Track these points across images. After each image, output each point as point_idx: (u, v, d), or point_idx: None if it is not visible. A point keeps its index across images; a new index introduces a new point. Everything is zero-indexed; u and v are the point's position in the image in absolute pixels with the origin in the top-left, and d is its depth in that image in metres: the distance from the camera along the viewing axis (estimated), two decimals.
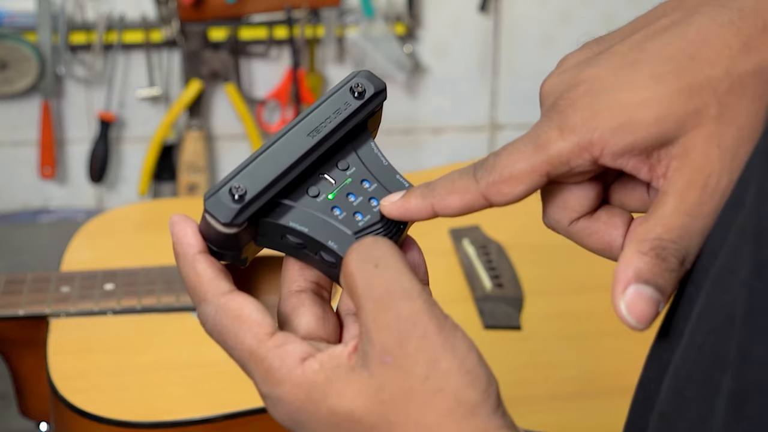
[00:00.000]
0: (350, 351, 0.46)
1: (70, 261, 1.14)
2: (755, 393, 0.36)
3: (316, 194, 0.50)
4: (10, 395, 1.12)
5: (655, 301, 0.45)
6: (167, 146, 1.98)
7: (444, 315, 0.46)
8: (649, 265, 0.45)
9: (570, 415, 0.93)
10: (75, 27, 1.89)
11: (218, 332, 0.48)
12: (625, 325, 0.45)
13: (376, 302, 0.45)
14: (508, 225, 1.19)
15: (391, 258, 0.46)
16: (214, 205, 0.47)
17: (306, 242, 0.49)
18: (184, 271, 0.49)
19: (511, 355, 0.99)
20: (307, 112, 0.50)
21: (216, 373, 0.95)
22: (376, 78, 0.52)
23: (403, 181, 0.52)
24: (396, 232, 0.51)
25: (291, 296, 0.50)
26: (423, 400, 0.44)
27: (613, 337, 1.02)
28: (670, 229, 0.45)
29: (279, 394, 0.46)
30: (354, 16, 1.96)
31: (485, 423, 0.44)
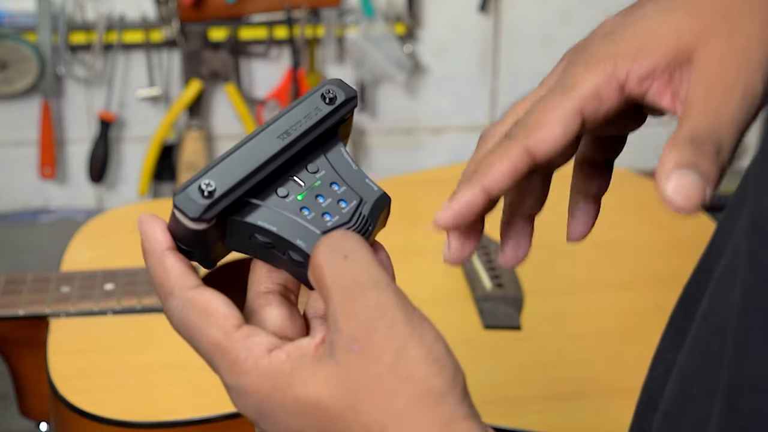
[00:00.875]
0: (317, 342, 0.46)
1: (70, 261, 1.14)
2: (750, 388, 0.37)
3: (285, 195, 0.51)
4: (10, 395, 1.12)
5: (699, 185, 0.46)
6: (167, 146, 1.99)
7: (412, 306, 0.46)
8: (688, 153, 0.46)
9: (570, 415, 0.92)
10: (75, 27, 1.89)
11: (184, 326, 0.48)
12: (673, 209, 0.47)
13: (344, 292, 0.45)
14: None
15: (359, 250, 0.47)
16: (183, 201, 0.48)
17: (274, 241, 0.50)
18: (151, 267, 0.49)
19: (511, 355, 0.99)
20: (279, 116, 0.51)
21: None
22: (348, 86, 0.53)
23: (372, 185, 0.52)
24: (364, 232, 0.51)
25: (258, 297, 0.50)
26: (390, 387, 0.44)
27: (613, 337, 1.02)
28: (701, 125, 0.47)
29: (244, 384, 0.46)
30: (354, 16, 1.96)
31: (452, 411, 0.44)
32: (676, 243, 1.18)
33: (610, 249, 1.17)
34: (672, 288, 0.56)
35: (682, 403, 0.45)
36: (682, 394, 0.45)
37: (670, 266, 1.13)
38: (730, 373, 0.38)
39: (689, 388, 0.44)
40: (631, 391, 0.57)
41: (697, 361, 0.44)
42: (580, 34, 0.60)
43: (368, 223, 0.51)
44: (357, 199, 0.51)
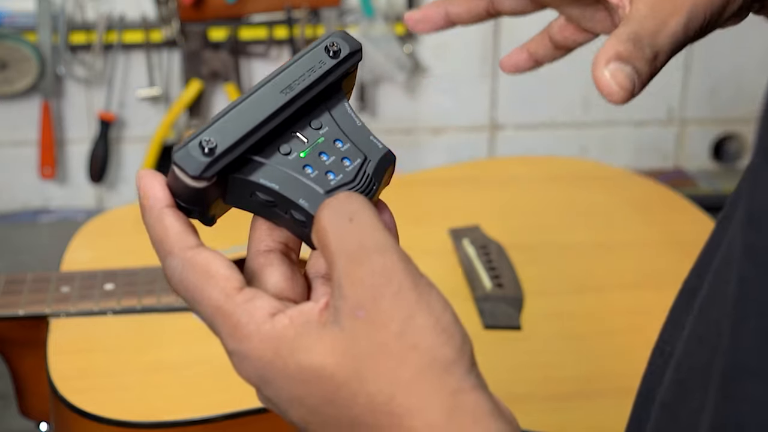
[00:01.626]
0: (321, 307, 0.45)
1: (70, 261, 1.14)
2: (744, 375, 0.37)
3: (288, 152, 0.49)
4: (10, 395, 1.12)
5: (632, 77, 0.51)
6: (167, 146, 1.98)
7: (419, 272, 0.45)
8: (626, 50, 0.51)
9: (570, 415, 0.92)
10: (75, 27, 1.89)
11: (184, 287, 0.47)
12: (605, 94, 0.51)
13: (349, 257, 0.44)
14: (508, 225, 1.20)
15: (365, 212, 0.45)
16: (184, 158, 0.46)
17: (276, 200, 0.48)
18: (150, 225, 0.48)
19: (511, 355, 0.99)
20: (281, 69, 0.50)
21: (216, 373, 0.94)
22: (352, 38, 0.51)
23: (377, 142, 0.51)
24: (368, 192, 0.50)
25: (259, 256, 0.49)
26: (397, 356, 0.43)
27: (613, 337, 1.02)
28: (645, 28, 0.52)
29: (246, 349, 0.45)
30: (354, 16, 1.96)
31: (460, 381, 0.43)
32: (676, 243, 1.18)
33: (610, 249, 1.17)
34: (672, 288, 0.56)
35: (679, 393, 0.45)
36: (680, 384, 0.45)
37: (670, 266, 1.13)
38: (725, 361, 0.38)
39: (686, 379, 0.45)
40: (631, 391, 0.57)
41: (695, 352, 0.44)
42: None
43: (372, 182, 0.50)
44: (361, 157, 0.50)
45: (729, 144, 2.16)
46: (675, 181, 2.08)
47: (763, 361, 0.36)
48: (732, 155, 2.16)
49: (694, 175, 2.13)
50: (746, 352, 0.37)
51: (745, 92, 2.07)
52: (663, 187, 1.30)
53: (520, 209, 1.25)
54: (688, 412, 0.44)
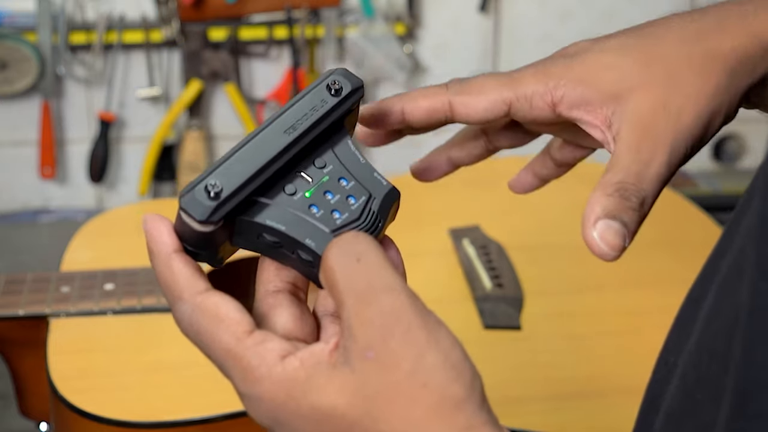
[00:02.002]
0: (331, 348, 0.45)
1: (70, 261, 1.14)
2: (758, 392, 0.37)
3: (293, 192, 0.49)
4: (10, 395, 1.12)
5: (622, 233, 0.52)
6: (167, 146, 1.99)
7: (427, 310, 0.45)
8: (614, 204, 0.52)
9: (570, 415, 0.92)
10: (75, 27, 1.89)
11: (195, 332, 0.47)
12: (597, 255, 0.52)
13: (358, 297, 0.44)
14: (508, 225, 1.19)
15: (372, 252, 0.46)
16: (190, 203, 0.47)
17: (283, 241, 0.49)
18: (159, 270, 0.48)
19: (511, 355, 0.99)
20: (284, 110, 0.50)
21: (216, 372, 0.94)
22: (353, 76, 0.52)
23: (381, 179, 0.51)
24: (374, 229, 0.50)
25: (267, 296, 0.49)
26: (408, 395, 0.43)
27: (613, 337, 1.02)
28: (630, 175, 0.53)
29: (258, 392, 0.45)
30: (354, 16, 1.96)
31: (471, 418, 0.43)
32: (676, 243, 1.18)
33: None
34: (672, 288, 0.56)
35: (685, 405, 0.45)
36: (686, 395, 0.45)
37: (670, 266, 1.13)
38: (737, 376, 0.38)
39: (693, 390, 0.44)
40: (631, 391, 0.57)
41: (702, 363, 0.44)
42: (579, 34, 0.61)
43: (378, 219, 0.50)
44: (366, 194, 0.50)
45: (729, 144, 2.16)
46: (675, 181, 2.08)
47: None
48: (732, 155, 2.16)
49: (694, 175, 2.13)
50: (760, 367, 0.37)
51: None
52: None
53: (520, 209, 1.25)
54: (696, 426, 0.43)
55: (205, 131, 2.00)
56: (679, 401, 0.46)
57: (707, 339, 0.44)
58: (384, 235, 0.51)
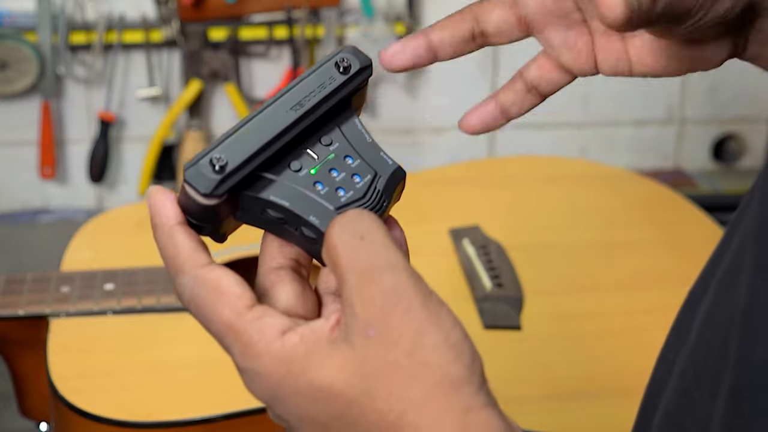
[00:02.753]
0: (332, 325, 0.45)
1: (70, 261, 1.14)
2: (755, 390, 0.37)
3: (299, 169, 0.49)
4: (10, 395, 1.12)
5: (629, 6, 0.48)
6: (167, 146, 1.98)
7: (429, 290, 0.45)
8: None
9: (570, 415, 0.92)
10: (75, 27, 1.89)
11: (195, 304, 0.47)
12: (604, 21, 0.49)
13: (360, 275, 0.44)
14: (508, 225, 1.19)
15: (376, 231, 0.45)
16: (194, 176, 0.46)
17: (287, 217, 0.48)
18: (161, 242, 0.48)
19: (511, 355, 0.99)
20: (291, 86, 0.50)
21: (216, 373, 0.94)
22: (362, 54, 0.51)
23: (387, 158, 0.51)
24: (379, 208, 0.50)
25: (270, 272, 0.49)
26: (407, 374, 0.43)
27: (613, 337, 1.02)
28: None
29: (257, 367, 0.45)
30: (354, 16, 1.96)
31: (470, 399, 0.43)
32: (676, 243, 1.18)
33: (610, 249, 1.17)
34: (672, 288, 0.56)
35: (683, 403, 0.45)
36: (684, 393, 0.45)
37: (670, 266, 1.13)
38: (734, 375, 0.38)
39: (691, 389, 0.44)
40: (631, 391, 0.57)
41: (699, 361, 0.44)
42: None
43: (383, 198, 0.50)
44: (371, 173, 0.50)
45: (729, 144, 2.16)
46: (675, 181, 2.08)
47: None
48: (732, 155, 2.16)
49: (694, 175, 2.13)
50: (757, 366, 0.37)
51: (745, 92, 2.07)
52: (663, 187, 1.30)
53: (520, 209, 1.25)
54: (694, 423, 0.43)
55: (205, 131, 2.00)
56: (677, 399, 0.46)
57: (705, 337, 0.44)
58: (388, 215, 0.51)
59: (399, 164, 0.51)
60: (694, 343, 0.45)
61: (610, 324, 1.04)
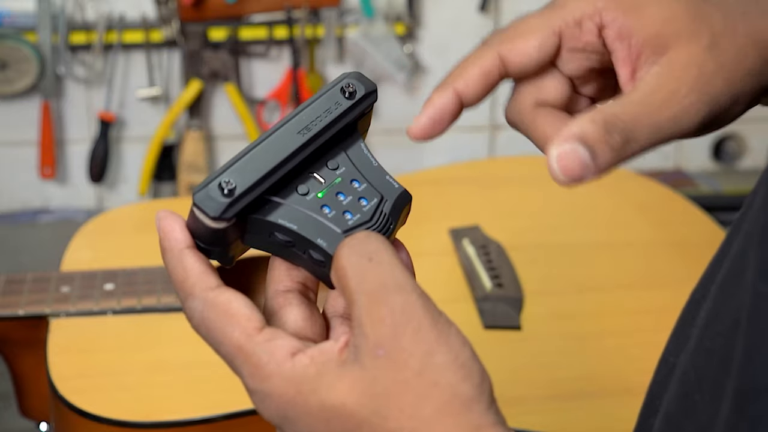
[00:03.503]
0: (341, 346, 0.45)
1: (70, 261, 1.14)
2: (759, 393, 0.37)
3: (306, 192, 0.50)
4: (10, 395, 1.12)
5: (585, 164, 0.46)
6: (167, 146, 1.98)
7: (438, 310, 0.45)
8: (594, 132, 0.47)
9: (570, 415, 0.93)
10: (75, 27, 1.89)
11: (206, 327, 0.47)
12: (551, 175, 0.47)
13: (369, 296, 0.44)
14: (508, 225, 1.19)
15: (384, 252, 0.46)
16: (203, 200, 0.47)
17: (294, 240, 0.49)
18: (170, 266, 0.48)
19: (511, 355, 0.99)
20: (298, 111, 0.51)
21: (216, 373, 0.94)
22: (367, 79, 0.52)
23: (393, 182, 0.52)
24: (385, 231, 0.50)
25: (278, 295, 0.50)
26: (418, 393, 0.43)
27: (613, 337, 1.02)
28: (627, 113, 0.48)
29: (267, 388, 0.45)
30: (354, 16, 1.95)
31: (479, 418, 0.43)
32: (676, 243, 1.18)
33: (610, 249, 1.17)
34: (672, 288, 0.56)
35: (684, 405, 0.45)
36: (685, 396, 0.45)
37: (670, 266, 1.13)
38: (739, 378, 0.38)
39: (692, 391, 0.44)
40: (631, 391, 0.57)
41: (700, 364, 0.44)
42: None
43: (389, 221, 0.51)
44: (378, 196, 0.51)
45: (729, 144, 2.16)
46: (675, 181, 2.08)
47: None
48: (732, 155, 2.16)
49: (694, 175, 2.13)
50: (762, 369, 0.37)
51: None
52: (663, 187, 1.30)
53: (520, 209, 1.25)
54: (694, 426, 0.43)
55: (205, 131, 2.00)
56: (677, 402, 0.46)
57: (706, 340, 0.44)
58: (394, 238, 0.52)
59: (405, 188, 0.52)
60: (695, 347, 0.45)
61: (610, 324, 1.04)
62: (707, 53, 0.49)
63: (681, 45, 0.49)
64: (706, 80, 0.49)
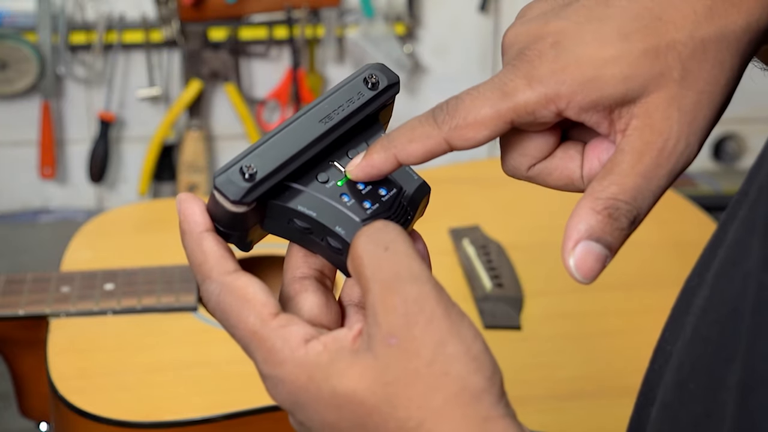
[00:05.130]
0: (355, 334, 0.46)
1: (70, 261, 1.14)
2: (764, 385, 0.37)
3: (326, 180, 0.50)
4: (10, 395, 1.12)
5: (603, 257, 0.47)
6: (167, 146, 1.99)
7: (451, 302, 0.45)
8: (601, 224, 0.47)
9: (570, 415, 0.93)
10: (75, 27, 1.89)
11: (221, 311, 0.47)
12: (574, 277, 0.47)
13: (383, 284, 0.45)
14: (508, 225, 1.20)
15: (400, 242, 0.46)
16: (224, 183, 0.47)
17: (313, 227, 0.49)
18: (189, 248, 0.49)
19: (511, 355, 0.99)
20: (321, 99, 0.51)
21: (216, 373, 0.94)
22: (390, 71, 0.52)
23: (412, 173, 0.52)
24: (404, 222, 0.51)
25: (294, 282, 0.50)
26: (428, 383, 0.43)
27: (613, 337, 1.02)
28: (625, 190, 0.47)
29: (280, 374, 0.46)
30: (354, 16, 1.96)
31: (489, 410, 0.44)
32: (676, 243, 1.18)
33: None
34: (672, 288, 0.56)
35: (680, 394, 0.45)
36: (680, 385, 0.45)
37: (670, 266, 1.13)
38: (743, 370, 0.38)
39: (687, 380, 0.44)
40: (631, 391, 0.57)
41: (696, 353, 0.44)
42: None
43: (408, 212, 0.51)
44: (397, 187, 0.51)
45: (729, 144, 2.16)
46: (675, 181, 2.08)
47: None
48: (732, 155, 2.16)
49: (694, 175, 2.13)
50: (766, 361, 0.37)
51: (745, 92, 2.06)
52: None
53: (520, 209, 1.25)
54: (690, 414, 0.44)
55: (205, 131, 2.00)
56: (673, 391, 0.46)
57: (702, 329, 0.44)
58: (412, 229, 0.52)
59: (424, 180, 0.52)
60: (690, 336, 0.45)
61: (610, 324, 1.04)
62: (681, 86, 0.46)
63: (652, 92, 0.46)
64: (690, 117, 0.47)
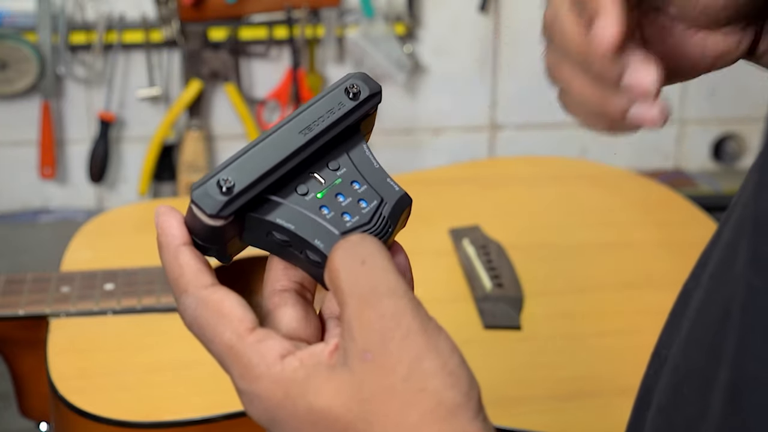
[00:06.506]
0: (331, 349, 0.45)
1: (70, 261, 1.13)
2: (752, 386, 0.37)
3: (305, 192, 0.50)
4: (10, 395, 1.12)
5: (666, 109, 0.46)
6: (167, 146, 1.99)
7: (428, 316, 0.45)
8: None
9: (570, 415, 0.92)
10: (75, 27, 1.89)
11: (198, 325, 0.47)
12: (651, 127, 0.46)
13: (360, 299, 0.44)
14: (508, 225, 1.19)
15: (378, 256, 0.46)
16: (201, 197, 0.47)
17: (292, 240, 0.49)
18: (166, 262, 0.48)
19: (511, 355, 0.99)
20: (301, 110, 0.50)
21: (216, 373, 0.94)
22: (372, 80, 0.52)
23: (393, 185, 0.51)
24: (384, 234, 0.50)
25: (274, 295, 0.49)
26: (404, 399, 0.43)
27: (613, 337, 1.02)
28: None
29: (256, 390, 0.45)
30: (354, 16, 1.96)
31: (465, 425, 0.43)
32: (676, 243, 1.18)
33: (610, 249, 1.17)
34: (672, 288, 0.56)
35: (675, 397, 0.45)
36: (676, 388, 0.45)
37: (670, 266, 1.13)
38: (732, 371, 0.38)
39: (682, 383, 0.45)
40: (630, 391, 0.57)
41: (691, 355, 0.44)
42: None
43: (388, 224, 0.50)
44: (378, 199, 0.50)
45: (729, 144, 2.16)
46: (675, 181, 2.08)
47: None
48: (732, 155, 2.16)
49: (694, 175, 2.13)
50: (755, 362, 0.37)
51: (745, 92, 2.07)
52: (663, 187, 1.30)
53: (520, 209, 1.25)
54: (684, 418, 0.44)
55: (205, 131, 2.00)
56: (668, 394, 0.46)
57: (696, 332, 0.44)
58: (393, 241, 0.52)
59: (405, 191, 0.52)
60: (685, 338, 0.45)
61: (610, 324, 1.04)
62: None
63: None
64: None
